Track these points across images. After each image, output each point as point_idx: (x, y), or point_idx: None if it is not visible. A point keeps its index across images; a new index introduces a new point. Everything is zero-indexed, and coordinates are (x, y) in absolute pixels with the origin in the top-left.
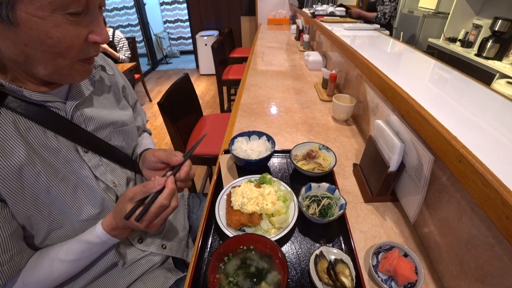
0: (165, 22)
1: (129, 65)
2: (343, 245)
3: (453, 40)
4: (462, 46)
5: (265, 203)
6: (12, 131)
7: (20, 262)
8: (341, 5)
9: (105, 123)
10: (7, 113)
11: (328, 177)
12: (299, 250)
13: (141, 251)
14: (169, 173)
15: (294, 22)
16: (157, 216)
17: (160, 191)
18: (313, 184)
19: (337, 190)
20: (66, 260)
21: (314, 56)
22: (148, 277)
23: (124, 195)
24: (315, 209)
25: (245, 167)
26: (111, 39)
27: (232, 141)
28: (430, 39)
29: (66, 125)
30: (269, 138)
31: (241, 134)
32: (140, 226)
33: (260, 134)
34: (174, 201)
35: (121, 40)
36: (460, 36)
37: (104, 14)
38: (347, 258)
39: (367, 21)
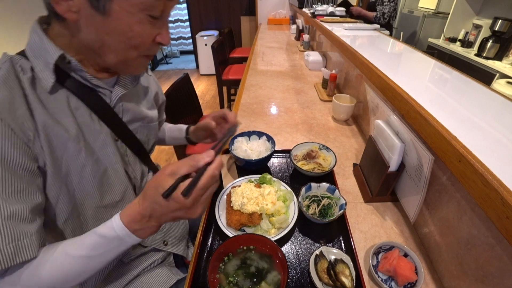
0: None
1: None
2: (343, 245)
3: (453, 40)
4: (462, 46)
5: (265, 203)
6: (65, 107)
7: (43, 239)
8: (345, 1)
9: (137, 117)
10: (62, 90)
11: (328, 177)
12: (299, 250)
13: (142, 246)
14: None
15: (294, 22)
16: (206, 190)
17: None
18: (313, 184)
19: (337, 190)
20: (75, 256)
21: (314, 56)
22: (149, 275)
23: (162, 171)
24: (315, 209)
25: (245, 167)
26: None
27: (232, 141)
28: (430, 39)
29: (108, 112)
30: (269, 138)
31: (241, 134)
32: (186, 203)
33: (260, 134)
34: (220, 173)
35: None
36: (460, 36)
37: None
38: (347, 258)
39: (367, 20)
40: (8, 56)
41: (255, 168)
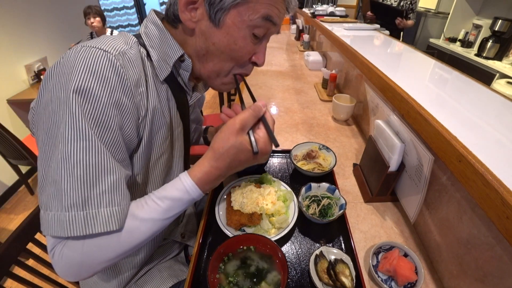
0: None
1: None
2: (343, 245)
3: (453, 40)
4: (462, 46)
5: (265, 203)
6: (166, 97)
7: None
8: (393, 10)
9: (196, 118)
10: (164, 82)
11: (328, 177)
12: (299, 250)
13: (163, 238)
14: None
15: (294, 22)
16: (273, 129)
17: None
18: (313, 184)
19: (337, 190)
20: (156, 219)
21: (314, 56)
22: (163, 266)
23: (228, 128)
24: (315, 209)
25: (241, 171)
26: None
27: None
28: (430, 39)
29: (186, 109)
30: None
31: None
32: (270, 150)
33: None
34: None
35: None
36: (460, 36)
37: (104, 14)
38: (347, 258)
39: (394, 24)
40: (133, 37)
41: (251, 172)
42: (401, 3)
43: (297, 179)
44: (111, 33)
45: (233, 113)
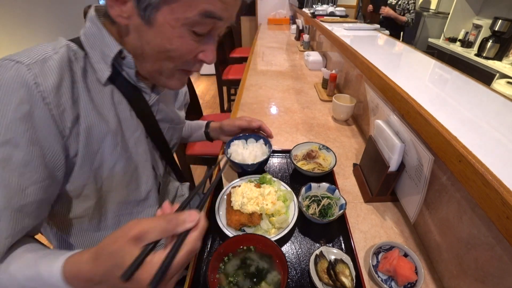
0: None
1: None
2: (343, 245)
3: (453, 40)
4: (462, 46)
5: (265, 203)
6: (109, 101)
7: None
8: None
9: (167, 118)
10: (109, 84)
11: (328, 177)
12: (299, 250)
13: None
14: (193, 210)
15: (294, 22)
16: (183, 267)
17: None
18: (313, 184)
19: (337, 190)
20: (12, 278)
21: (314, 56)
22: None
23: (125, 230)
24: (315, 209)
25: (241, 172)
26: None
27: (228, 145)
28: (430, 39)
29: (145, 109)
30: (266, 142)
31: (238, 138)
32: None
33: (257, 138)
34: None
35: None
36: (460, 36)
37: None
38: (347, 258)
39: (392, 22)
40: (64, 41)
41: (251, 172)
42: (399, 2)
43: (297, 179)
44: None
45: (171, 210)
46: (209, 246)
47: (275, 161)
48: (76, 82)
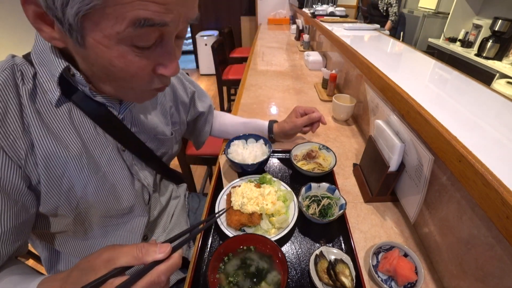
0: None
1: None
2: (343, 245)
3: (453, 40)
4: (462, 46)
5: (265, 203)
6: (67, 122)
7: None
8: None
9: (147, 127)
10: (66, 103)
11: (328, 177)
12: (299, 250)
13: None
14: (166, 245)
15: (294, 22)
16: None
17: (156, 263)
18: (313, 184)
19: (337, 190)
20: None
21: (314, 56)
22: None
23: (99, 252)
24: (315, 209)
25: (241, 172)
26: None
27: (228, 145)
28: (430, 39)
29: (115, 124)
30: (266, 142)
31: (238, 138)
32: None
33: (257, 138)
34: (168, 279)
35: None
36: (460, 36)
37: None
38: (347, 258)
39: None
40: (11, 61)
41: (251, 172)
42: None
43: (297, 179)
44: None
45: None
46: (209, 246)
47: (275, 161)
48: (24, 108)
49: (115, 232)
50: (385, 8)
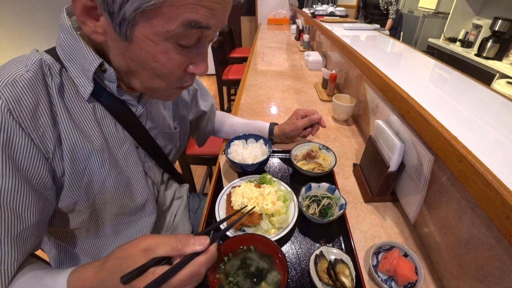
0: None
1: None
2: (343, 245)
3: (453, 40)
4: (462, 46)
5: (265, 203)
6: (92, 117)
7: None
8: None
9: (157, 122)
10: (90, 99)
11: (328, 177)
12: (299, 250)
13: None
14: (206, 238)
15: (294, 22)
16: (182, 286)
17: (195, 254)
18: (313, 184)
19: (337, 190)
20: None
21: (314, 56)
22: None
23: (136, 242)
24: (315, 209)
25: (241, 172)
26: None
27: (228, 144)
28: (430, 39)
29: (133, 120)
30: (266, 142)
31: (238, 138)
32: None
33: (257, 138)
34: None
35: None
36: (460, 36)
37: None
38: (347, 258)
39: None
40: (38, 54)
41: (251, 172)
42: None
43: (297, 179)
44: None
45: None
46: (209, 246)
47: (275, 161)
48: (53, 101)
49: (126, 231)
50: (385, 7)
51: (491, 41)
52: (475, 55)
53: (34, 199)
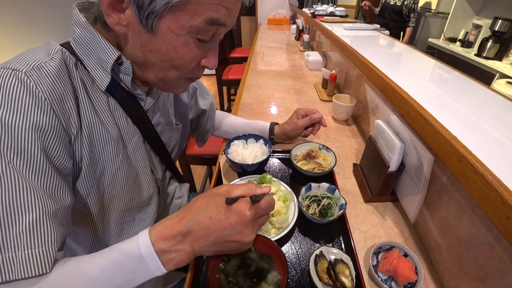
0: None
1: None
2: (343, 245)
3: (453, 40)
4: (462, 46)
5: None
6: (107, 109)
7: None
8: None
9: (163, 119)
10: (105, 93)
11: (328, 177)
12: (299, 250)
13: None
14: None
15: (294, 22)
16: (264, 214)
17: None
18: (313, 184)
19: (337, 190)
20: (90, 277)
21: (314, 56)
22: None
23: (211, 191)
24: (315, 209)
25: (241, 172)
26: None
27: (228, 145)
28: (430, 39)
29: (142, 115)
30: (266, 142)
31: (238, 138)
32: (247, 215)
33: (257, 138)
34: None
35: None
36: (460, 36)
37: None
38: (347, 258)
39: (397, 17)
40: (57, 46)
41: (251, 172)
42: (405, 2)
43: (297, 179)
44: None
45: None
46: None
47: (275, 161)
48: (76, 89)
49: (130, 230)
50: (407, 13)
51: (491, 41)
52: (475, 55)
53: (59, 181)
